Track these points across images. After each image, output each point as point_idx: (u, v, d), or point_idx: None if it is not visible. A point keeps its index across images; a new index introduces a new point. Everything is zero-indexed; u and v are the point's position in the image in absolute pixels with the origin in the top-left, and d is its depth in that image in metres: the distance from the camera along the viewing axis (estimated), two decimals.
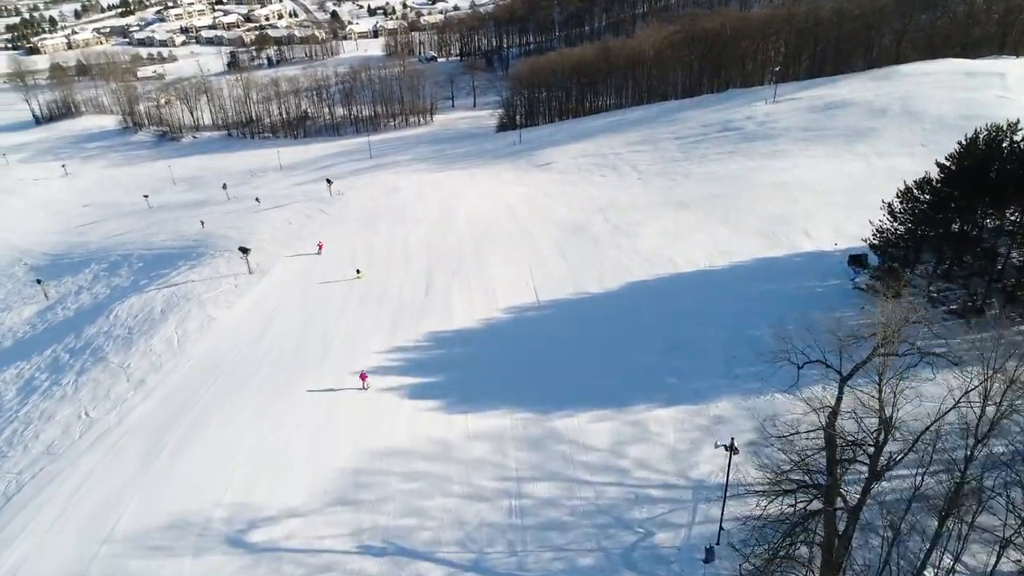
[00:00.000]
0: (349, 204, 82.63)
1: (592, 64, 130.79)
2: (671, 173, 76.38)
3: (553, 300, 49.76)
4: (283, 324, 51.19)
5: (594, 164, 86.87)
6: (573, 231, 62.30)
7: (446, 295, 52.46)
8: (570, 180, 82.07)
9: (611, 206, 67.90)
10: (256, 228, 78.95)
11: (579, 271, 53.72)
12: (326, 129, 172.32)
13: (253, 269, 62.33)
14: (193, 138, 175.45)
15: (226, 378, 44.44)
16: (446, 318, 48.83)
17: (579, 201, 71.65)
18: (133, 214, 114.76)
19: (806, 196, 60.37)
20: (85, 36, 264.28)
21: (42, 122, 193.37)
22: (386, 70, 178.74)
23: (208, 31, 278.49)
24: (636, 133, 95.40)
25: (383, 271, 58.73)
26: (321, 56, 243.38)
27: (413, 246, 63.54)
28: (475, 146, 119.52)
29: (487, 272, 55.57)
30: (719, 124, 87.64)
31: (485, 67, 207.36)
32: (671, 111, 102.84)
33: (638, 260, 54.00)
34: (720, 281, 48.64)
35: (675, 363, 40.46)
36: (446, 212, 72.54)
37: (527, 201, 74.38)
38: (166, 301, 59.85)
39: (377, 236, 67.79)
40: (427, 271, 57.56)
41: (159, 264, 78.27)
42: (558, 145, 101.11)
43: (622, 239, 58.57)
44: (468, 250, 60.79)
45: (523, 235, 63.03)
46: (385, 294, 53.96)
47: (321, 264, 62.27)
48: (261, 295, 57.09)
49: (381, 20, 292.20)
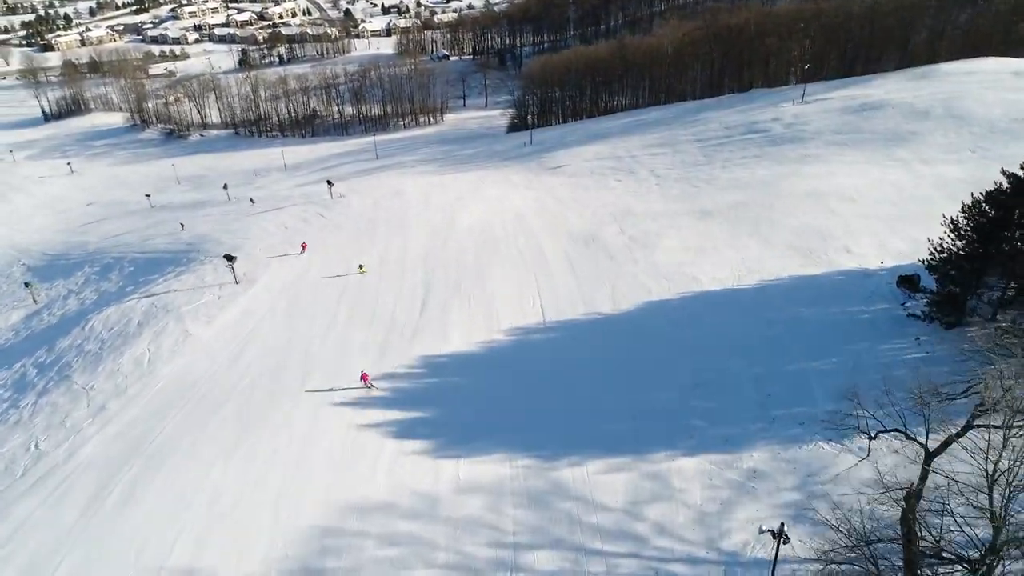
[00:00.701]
0: (349, 207, 77.62)
1: (607, 62, 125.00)
2: (692, 178, 70.52)
3: (561, 321, 44.24)
4: (263, 343, 46.09)
5: (609, 168, 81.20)
6: (585, 242, 56.70)
7: (443, 313, 47.09)
8: (583, 185, 76.46)
9: (627, 214, 62.23)
10: (250, 232, 74.33)
11: (591, 288, 48.14)
12: (334, 128, 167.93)
13: (239, 279, 57.40)
14: (200, 136, 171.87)
15: (193, 406, 39.37)
16: (442, 340, 43.46)
17: (592, 208, 66.02)
18: (135, 213, 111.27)
19: (845, 207, 54.32)
20: (99, 33, 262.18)
21: (51, 119, 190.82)
22: (396, 68, 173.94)
23: (221, 29, 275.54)
24: (654, 135, 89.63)
25: (376, 283, 53.50)
26: (332, 54, 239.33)
27: (412, 256, 58.27)
28: (484, 147, 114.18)
29: (489, 287, 50.15)
30: (743, 126, 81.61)
31: (498, 66, 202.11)
32: (691, 112, 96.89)
33: (657, 277, 48.29)
34: (750, 303, 42.83)
35: (700, 402, 34.79)
36: (449, 218, 67.19)
37: (536, 207, 68.84)
38: (145, 313, 55.08)
39: (374, 244, 62.58)
40: (425, 284, 52.25)
41: (149, 269, 74.08)
42: (571, 147, 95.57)
43: (639, 252, 52.89)
44: (470, 262, 55.40)
45: (530, 245, 57.54)
46: (377, 311, 48.70)
47: (312, 274, 57.20)
48: (244, 308, 52.06)
49: (394, 18, 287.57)
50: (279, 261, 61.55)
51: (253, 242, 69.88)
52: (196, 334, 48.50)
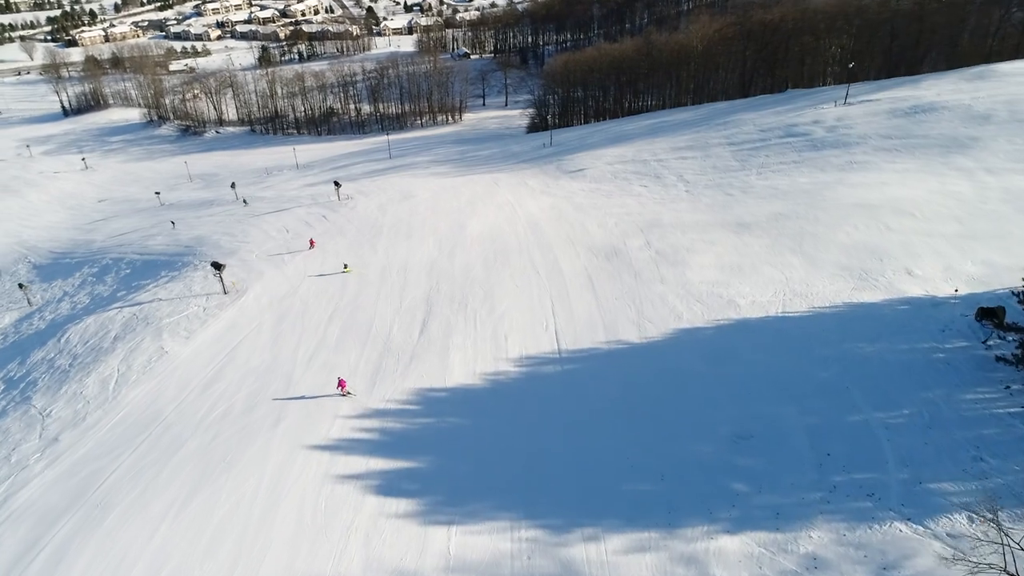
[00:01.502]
0: (355, 210, 72.35)
1: (633, 60, 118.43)
2: (725, 185, 64.02)
3: (579, 351, 38.21)
4: (243, 365, 40.72)
5: (633, 172, 74.93)
6: (606, 256, 50.63)
7: (445, 336, 41.34)
8: (604, 191, 70.31)
9: (653, 225, 56.00)
10: (249, 235, 69.48)
11: (613, 311, 42.07)
12: (351, 126, 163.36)
13: (228, 288, 52.30)
14: (216, 133, 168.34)
15: (153, 442, 34.06)
16: (441, 369, 37.69)
17: (615, 217, 59.89)
18: (144, 211, 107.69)
19: (902, 221, 47.58)
20: (123, 29, 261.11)
21: (70, 114, 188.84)
22: (415, 66, 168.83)
23: (243, 26, 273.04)
24: (682, 137, 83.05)
25: (375, 298, 47.97)
26: (353, 52, 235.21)
27: (415, 267, 52.68)
28: (501, 148, 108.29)
29: (498, 307, 44.30)
30: (780, 129, 74.79)
31: (519, 64, 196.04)
32: (722, 113, 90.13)
33: (688, 300, 42.07)
34: (798, 335, 36.45)
35: (743, 459, 28.62)
36: (458, 225, 61.54)
37: (553, 215, 62.89)
38: (124, 325, 50.18)
39: (376, 252, 57.14)
40: (427, 300, 46.57)
41: (144, 272, 69.87)
42: (592, 149, 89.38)
43: (668, 270, 46.68)
44: (478, 276, 49.62)
45: (545, 259, 51.61)
46: (371, 331, 43.11)
47: (306, 285, 51.88)
48: (229, 323, 46.83)
49: (417, 17, 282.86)
50: (274, 269, 56.41)
51: (251, 246, 65.09)
52: (172, 352, 43.33)
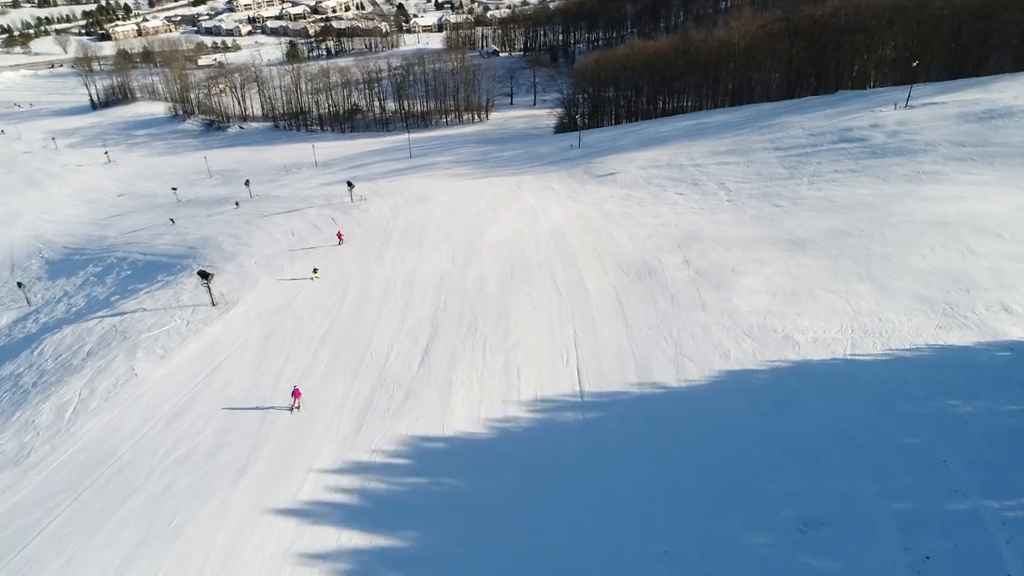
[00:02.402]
0: (367, 213, 66.92)
1: (669, 58, 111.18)
2: (773, 196, 56.98)
3: (604, 394, 31.82)
4: (217, 395, 35.17)
5: (668, 178, 68.15)
6: (639, 275, 44.09)
7: (448, 368, 35.28)
8: (636, 198, 63.69)
9: (692, 239, 49.30)
10: (253, 238, 64.58)
11: (646, 344, 35.58)
12: (375, 124, 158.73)
13: (217, 300, 47.00)
14: (240, 128, 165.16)
15: (96, 491, 28.60)
16: (440, 411, 31.60)
17: (648, 228, 53.30)
18: (160, 207, 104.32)
19: (987, 243, 40.24)
20: (155, 24, 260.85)
21: (98, 107, 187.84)
22: (442, 63, 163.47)
23: (274, 22, 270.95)
24: (722, 140, 75.93)
25: (373, 317, 42.14)
26: (381, 49, 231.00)
27: (423, 281, 46.78)
28: (526, 149, 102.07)
29: (512, 333, 38.11)
30: (833, 133, 67.28)
31: (549, 62, 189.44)
32: (766, 115, 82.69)
33: (735, 332, 35.41)
34: (875, 385, 29.59)
35: (814, 559, 22.01)
36: (475, 233, 55.58)
37: (579, 224, 56.53)
38: (101, 338, 45.20)
39: (382, 262, 51.43)
40: (432, 322, 40.57)
41: (143, 275, 65.72)
42: (623, 151, 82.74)
43: (710, 294, 40.01)
44: (492, 293, 43.48)
45: (569, 275, 45.27)
46: (366, 357, 37.25)
47: (302, 298, 46.32)
48: (212, 341, 41.40)
49: (447, 14, 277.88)
50: (270, 277, 51.07)
51: (253, 250, 60.09)
52: (143, 374, 38.02)
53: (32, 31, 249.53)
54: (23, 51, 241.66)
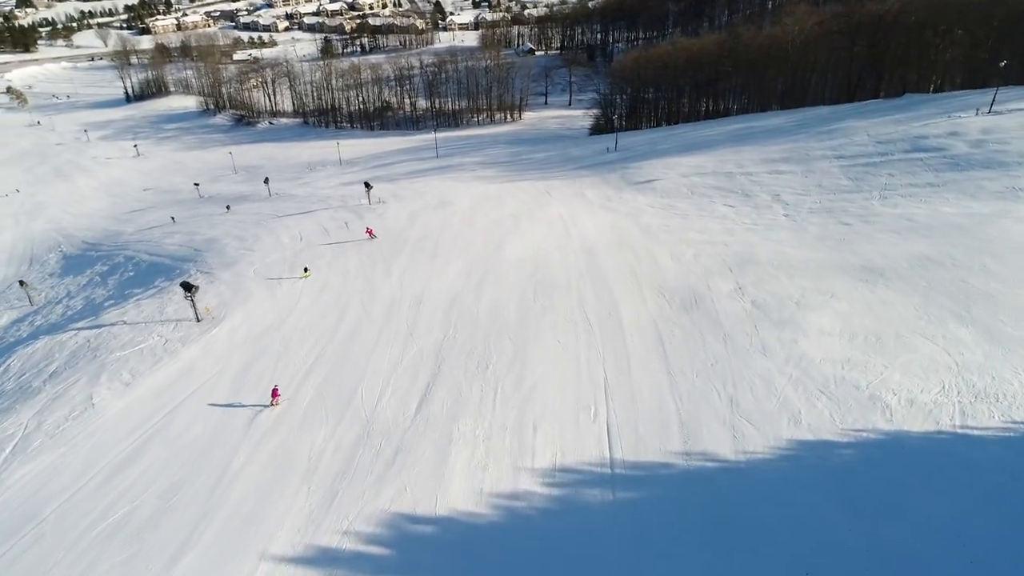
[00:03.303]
0: (382, 218, 61.16)
1: (714, 57, 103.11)
2: (838, 211, 49.31)
3: (641, 465, 25.04)
4: (178, 438, 29.36)
5: (715, 187, 60.76)
6: (684, 304, 37.10)
7: (450, 418, 28.85)
8: (679, 209, 56.51)
9: (746, 261, 42.07)
10: (259, 242, 59.44)
11: (694, 397, 28.65)
12: (405, 122, 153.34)
13: (202, 315, 41.49)
14: (269, 124, 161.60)
15: (6, 568, 23.02)
16: (435, 479, 25.20)
17: (694, 246, 46.19)
18: (181, 203, 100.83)
19: None
20: (195, 19, 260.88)
21: (132, 100, 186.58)
22: (475, 61, 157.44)
23: (311, 18, 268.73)
24: (775, 146, 68.09)
25: (371, 344, 35.99)
26: (416, 46, 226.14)
27: (431, 302, 40.53)
28: (559, 151, 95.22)
29: (529, 374, 31.54)
30: (905, 141, 59.02)
31: (586, 62, 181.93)
32: (823, 119, 74.45)
33: (807, 388, 28.25)
34: (1002, 476, 22.24)
35: None
36: (495, 245, 49.20)
37: (614, 238, 49.69)
38: (72, 354, 40.11)
39: (389, 276, 45.36)
40: (436, 355, 34.23)
41: (143, 278, 61.56)
42: (664, 156, 75.39)
43: (771, 332, 32.86)
44: (509, 322, 36.95)
45: (600, 302, 38.50)
46: (355, 397, 31.07)
47: (295, 318, 40.51)
48: (185, 366, 35.76)
49: (484, 12, 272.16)
50: (266, 290, 45.47)
51: (256, 256, 54.82)
52: (101, 406, 32.50)
53: (75, 24, 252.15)
54: (65, 44, 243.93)
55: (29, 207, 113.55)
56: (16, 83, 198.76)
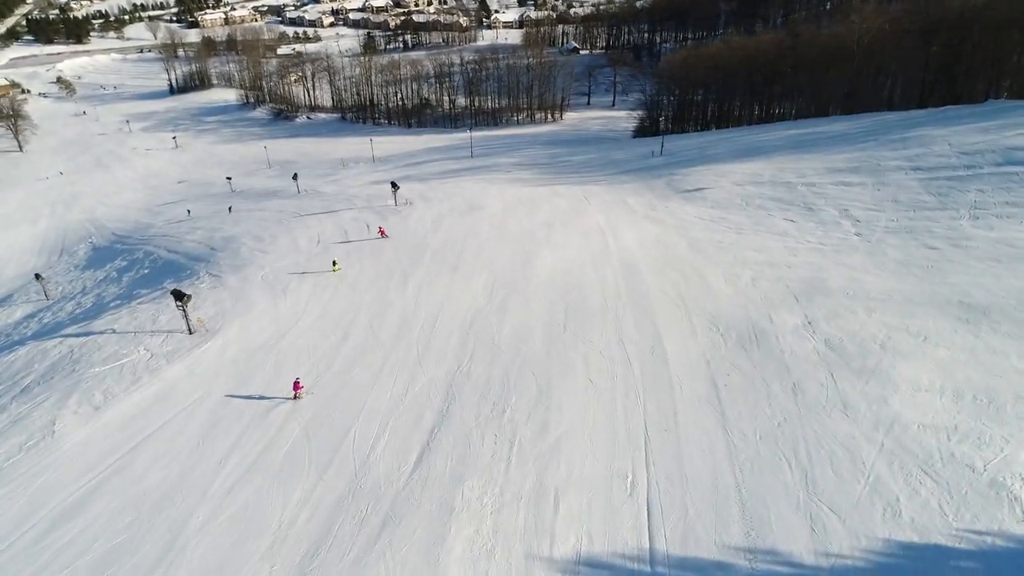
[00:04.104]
0: (406, 221, 56.45)
1: (771, 57, 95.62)
2: (922, 232, 42.37)
3: (690, 563, 19.26)
4: (134, 484, 24.73)
5: (772, 198, 54.15)
6: (741, 340, 31.05)
7: (454, 478, 23.52)
8: (732, 222, 50.15)
9: (815, 289, 35.73)
10: (276, 244, 55.54)
11: (757, 467, 22.72)
12: (443, 120, 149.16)
13: (195, 327, 37.19)
14: (307, 119, 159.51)
15: None
16: (427, 566, 19.81)
17: (751, 267, 39.97)
18: (212, 197, 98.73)
19: None
20: (242, 13, 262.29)
21: (175, 92, 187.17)
22: (517, 59, 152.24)
23: (356, 14, 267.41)
24: (840, 155, 60.93)
25: (374, 373, 30.94)
26: (459, 43, 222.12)
27: (447, 324, 35.35)
28: (601, 153, 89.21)
29: (554, 425, 26.01)
30: (996, 153, 51.39)
31: (632, 61, 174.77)
32: (894, 126, 66.80)
33: (904, 464, 22.07)
34: None
35: None
36: (524, 258, 43.79)
37: (658, 255, 43.76)
38: (51, 366, 36.33)
39: (404, 291, 40.36)
40: (446, 392, 28.94)
41: (156, 277, 58.66)
42: (714, 162, 68.81)
43: (853, 385, 26.62)
44: (534, 353, 31.49)
45: (642, 332, 32.71)
46: (343, 444, 25.99)
47: (293, 335, 35.84)
48: (165, 389, 31.31)
49: (529, 11, 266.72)
50: (269, 300, 41.03)
51: (269, 259, 50.70)
52: (61, 434, 28.22)
53: (127, 17, 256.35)
54: (117, 36, 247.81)
55: (66, 196, 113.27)
56: (67, 73, 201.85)
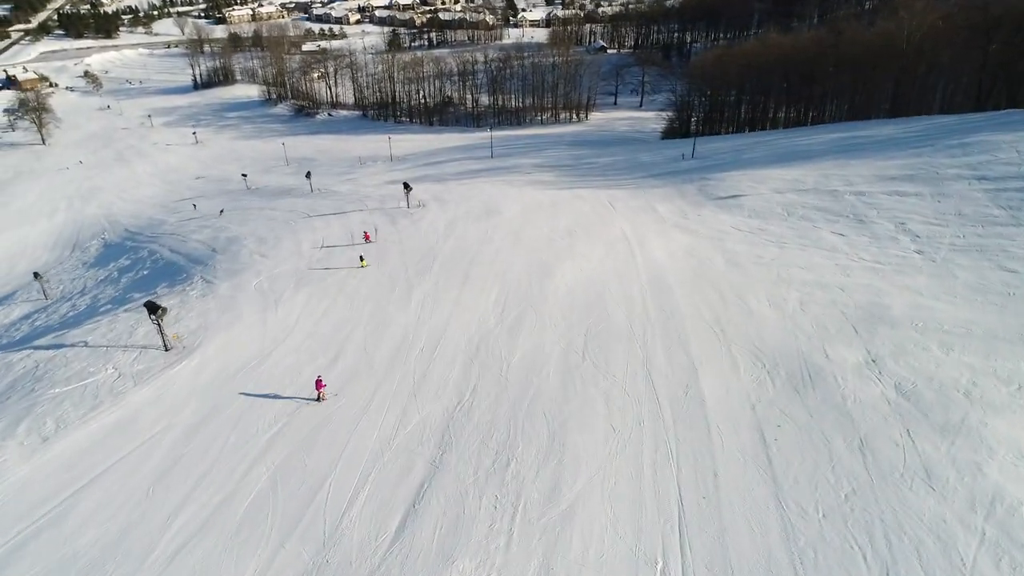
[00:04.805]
0: (416, 225, 52.32)
1: (811, 55, 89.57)
2: (994, 251, 36.80)
3: None
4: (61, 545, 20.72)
5: (817, 208, 48.76)
6: (792, 380, 26.04)
7: (438, 560, 18.81)
8: (773, 234, 44.95)
9: (875, 317, 30.53)
10: (279, 246, 52.11)
11: (824, 562, 17.79)
12: (465, 118, 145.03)
13: (170, 344, 33.25)
14: (329, 116, 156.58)
15: None
16: None
17: (798, 288, 34.84)
18: (227, 194, 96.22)
19: None
20: (269, 10, 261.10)
21: (199, 88, 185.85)
22: (542, 57, 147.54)
23: (383, 11, 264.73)
24: (892, 161, 55.22)
25: (359, 409, 26.53)
26: (484, 42, 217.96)
27: (449, 348, 30.88)
28: (627, 155, 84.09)
29: (567, 485, 21.31)
30: None
31: (661, 60, 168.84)
32: (950, 130, 60.76)
33: (1016, 562, 17.05)
34: None
35: None
36: (541, 270, 39.18)
37: (691, 269, 38.83)
38: (12, 384, 32.84)
39: (406, 307, 36.00)
40: (441, 437, 24.38)
41: (156, 278, 55.87)
42: (750, 167, 63.42)
43: (936, 446, 21.52)
44: (547, 388, 26.85)
45: (674, 364, 27.87)
46: (314, 502, 21.58)
47: (276, 357, 31.71)
48: (125, 419, 27.29)
49: (556, 9, 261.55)
50: (258, 314, 37.00)
51: (267, 264, 46.93)
52: (2, 471, 24.40)
53: (156, 12, 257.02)
54: (145, 31, 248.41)
55: (84, 191, 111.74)
56: (94, 68, 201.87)
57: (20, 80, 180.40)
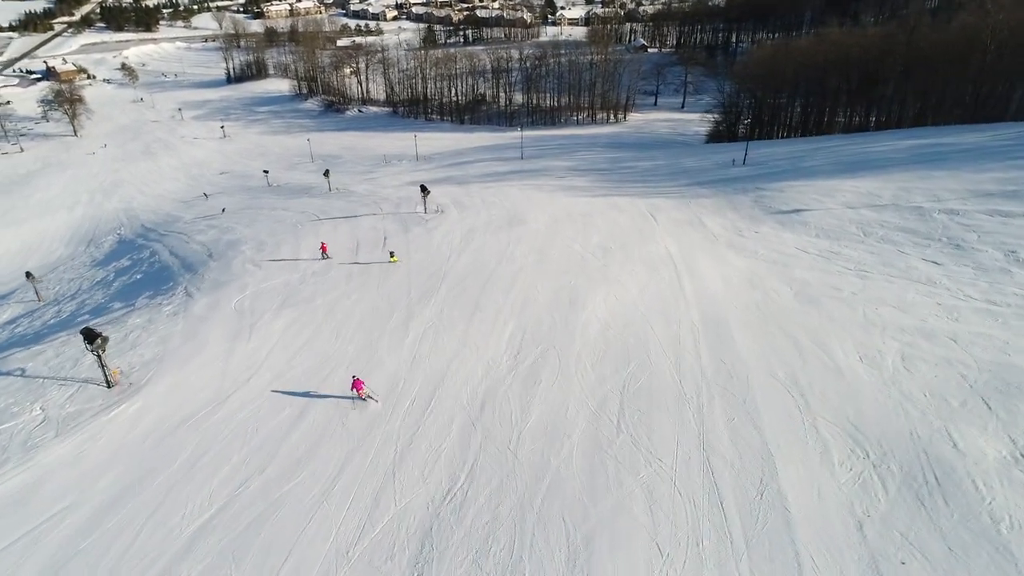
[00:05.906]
0: (429, 235, 45.79)
1: (878, 53, 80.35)
2: None
3: None
4: None
5: (901, 229, 40.56)
6: (909, 482, 18.44)
7: None
8: (850, 259, 37.01)
9: (1007, 383, 22.69)
10: (278, 251, 47.64)
11: None
12: (498, 117, 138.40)
13: (112, 381, 27.11)
14: (359, 112, 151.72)
15: None
16: None
17: (896, 337, 27.04)
18: (247, 191, 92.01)
19: None
20: (307, 5, 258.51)
21: (232, 81, 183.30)
22: (580, 55, 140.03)
23: (420, 8, 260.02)
24: (987, 173, 46.62)
25: (317, 497, 19.79)
26: (521, 39, 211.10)
27: (446, 406, 24.03)
28: (669, 160, 76.18)
29: None
30: None
31: (705, 60, 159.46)
32: None
33: None
34: None
35: None
36: (569, 301, 32.10)
37: (755, 304, 31.28)
38: None
39: (401, 344, 29.29)
40: (417, 550, 17.49)
41: (145, 285, 51.39)
42: (813, 176, 55.25)
43: None
44: (569, 474, 19.80)
45: (739, 444, 20.56)
46: None
47: (233, 404, 25.37)
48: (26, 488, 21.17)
49: (596, 8, 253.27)
50: (227, 343, 30.80)
51: (257, 278, 41.55)
52: None
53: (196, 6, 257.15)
54: (184, 25, 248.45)
55: (108, 184, 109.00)
56: (132, 60, 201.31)
57: (59, 71, 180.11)
